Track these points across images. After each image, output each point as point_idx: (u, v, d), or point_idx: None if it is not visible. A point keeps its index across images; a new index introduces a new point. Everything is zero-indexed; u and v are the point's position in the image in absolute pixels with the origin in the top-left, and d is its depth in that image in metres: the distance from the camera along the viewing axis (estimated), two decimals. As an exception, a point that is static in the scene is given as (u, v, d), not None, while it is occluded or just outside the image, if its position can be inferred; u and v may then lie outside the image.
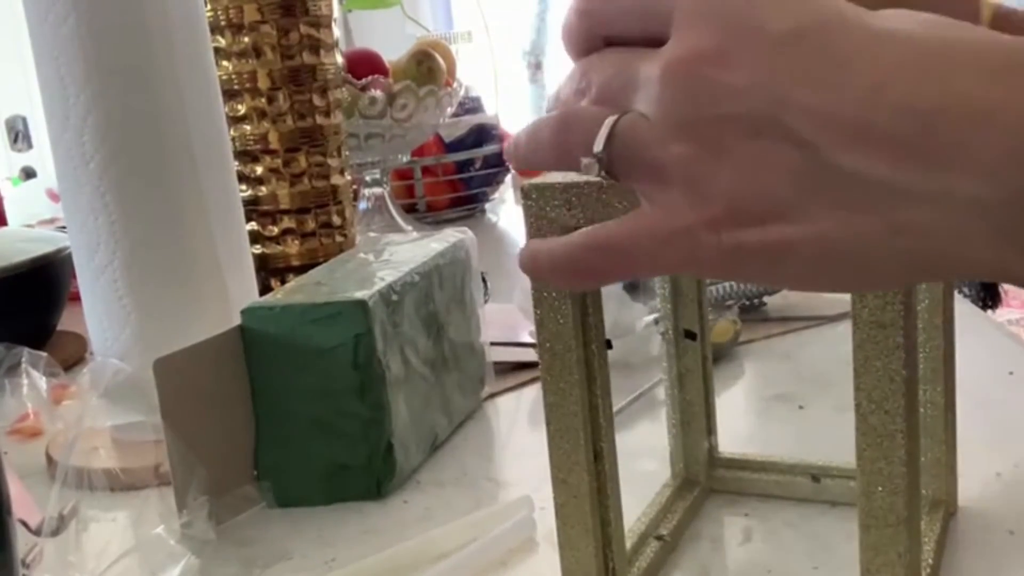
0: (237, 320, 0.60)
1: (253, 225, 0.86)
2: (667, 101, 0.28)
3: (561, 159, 0.31)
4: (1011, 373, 0.69)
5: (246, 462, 0.60)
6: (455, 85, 1.23)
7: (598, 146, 0.29)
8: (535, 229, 0.40)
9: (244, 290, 0.70)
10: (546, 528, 0.52)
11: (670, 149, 0.28)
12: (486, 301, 0.85)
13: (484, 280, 0.84)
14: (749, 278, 0.29)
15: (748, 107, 0.26)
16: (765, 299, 0.88)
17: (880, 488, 0.36)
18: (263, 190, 0.86)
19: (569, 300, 0.40)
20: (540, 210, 0.39)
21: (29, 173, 2.30)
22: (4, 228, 1.26)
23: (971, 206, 0.24)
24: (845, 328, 0.36)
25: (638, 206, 0.30)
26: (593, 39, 0.31)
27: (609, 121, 0.29)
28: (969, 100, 0.23)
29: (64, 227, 0.77)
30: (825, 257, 0.27)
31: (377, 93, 1.10)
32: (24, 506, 0.55)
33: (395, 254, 0.70)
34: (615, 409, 0.45)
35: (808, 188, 0.26)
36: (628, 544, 0.47)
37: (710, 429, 0.57)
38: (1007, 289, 2.25)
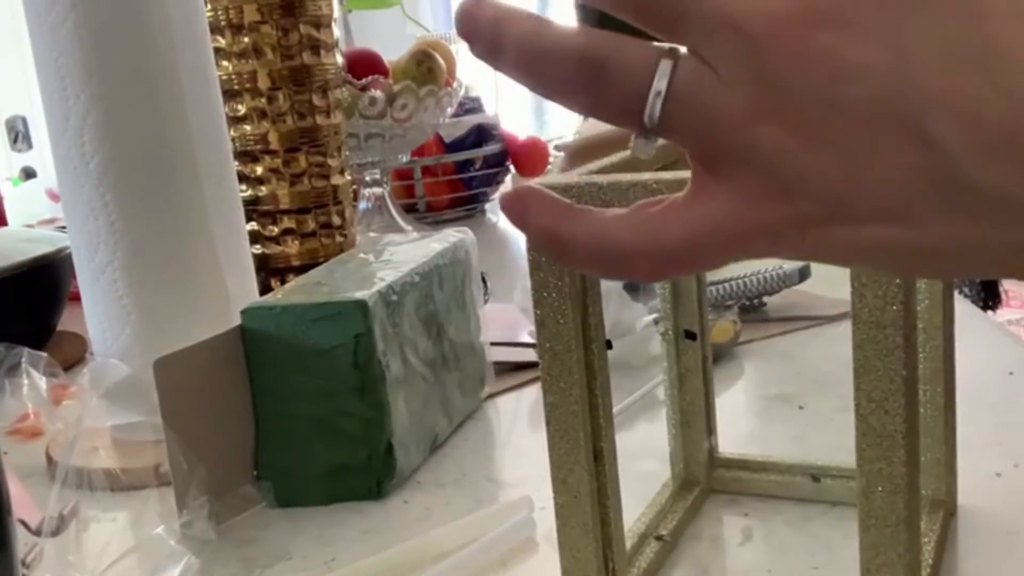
0: (237, 320, 0.60)
1: (253, 225, 0.86)
2: (762, 69, 0.22)
3: (590, 110, 0.24)
4: (1011, 373, 0.69)
5: (246, 462, 0.60)
6: (455, 85, 1.23)
7: (653, 116, 0.23)
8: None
9: (244, 290, 0.70)
10: (546, 528, 0.52)
11: (758, 132, 0.22)
12: (486, 301, 0.85)
13: (484, 280, 0.84)
14: (819, 262, 0.25)
15: (873, 93, 0.21)
16: (765, 299, 0.88)
17: (880, 488, 0.36)
18: (263, 190, 0.86)
19: (569, 300, 0.40)
20: (540, 210, 0.39)
21: (29, 173, 2.30)
22: (4, 228, 1.26)
23: None
24: (845, 328, 0.36)
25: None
26: None
27: (664, 79, 0.22)
28: None
29: (64, 227, 0.77)
30: (926, 260, 0.23)
31: (377, 93, 1.10)
32: (24, 506, 0.55)
33: (395, 254, 0.70)
34: (615, 409, 0.45)
35: (931, 195, 0.21)
36: (628, 544, 0.47)
37: (710, 429, 0.57)
38: (1007, 289, 2.25)
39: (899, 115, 0.21)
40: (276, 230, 0.87)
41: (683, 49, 0.23)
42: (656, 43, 0.23)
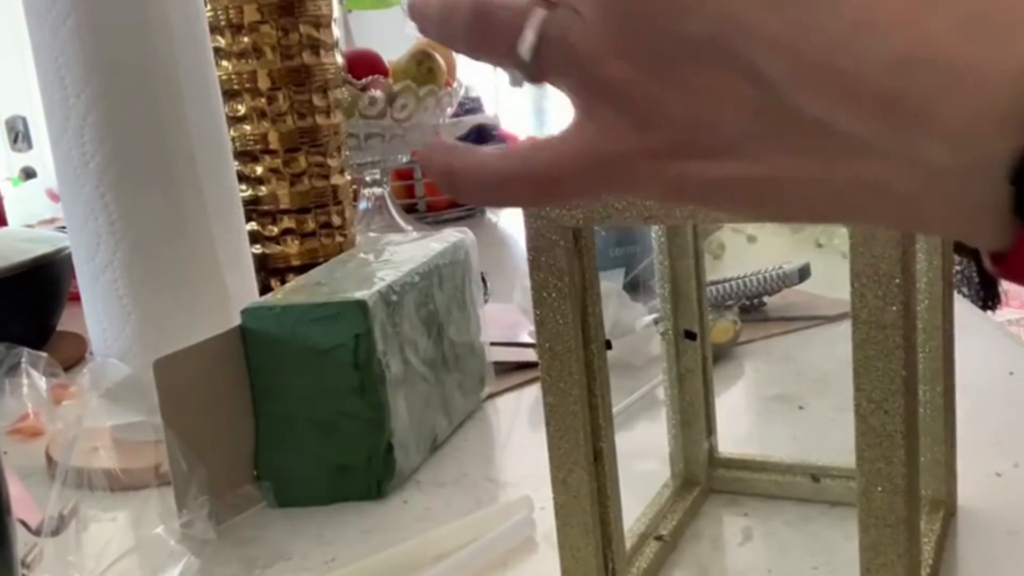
0: (237, 320, 0.60)
1: (253, 225, 0.86)
2: (608, 11, 0.24)
3: (480, 55, 0.28)
4: (1011, 373, 0.69)
5: (246, 462, 0.60)
6: (455, 85, 1.23)
7: (525, 53, 0.25)
8: (535, 229, 0.39)
9: (244, 290, 0.70)
10: (546, 528, 0.52)
11: (611, 67, 0.24)
12: (486, 301, 0.85)
13: (484, 280, 0.84)
14: (685, 204, 0.27)
15: (705, 29, 0.23)
16: (765, 299, 0.88)
17: (880, 488, 0.36)
18: (263, 190, 0.86)
19: (569, 300, 0.40)
20: (540, 210, 0.39)
21: (29, 173, 2.30)
22: (4, 228, 1.26)
23: (932, 170, 0.22)
24: (845, 328, 0.36)
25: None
26: None
27: (536, 22, 0.25)
28: (941, 52, 0.21)
29: (64, 227, 0.77)
30: (768, 196, 0.25)
31: (377, 93, 1.10)
32: (24, 506, 0.55)
33: (395, 254, 0.70)
34: (615, 409, 0.45)
35: (762, 127, 0.23)
36: (628, 544, 0.47)
37: (710, 429, 0.57)
38: (1007, 289, 2.25)
39: (729, 50, 0.23)
40: (276, 230, 0.87)
41: None
42: None
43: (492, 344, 0.76)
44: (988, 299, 2.13)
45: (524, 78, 0.26)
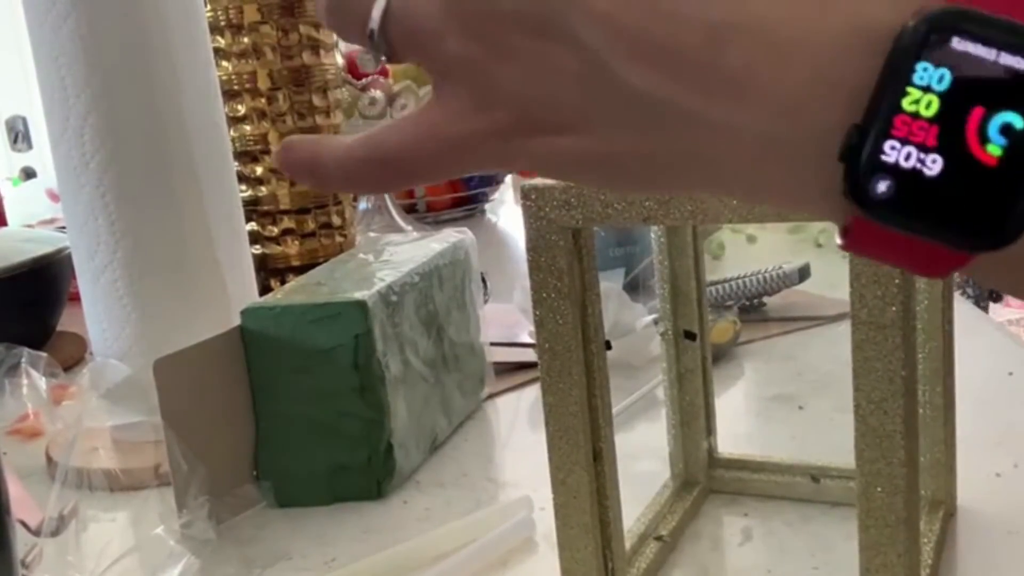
0: (237, 320, 0.60)
1: (253, 225, 0.86)
2: None
3: (340, 33, 0.28)
4: (1011, 373, 0.69)
5: (246, 462, 0.60)
6: (455, 85, 1.23)
7: (372, 27, 0.25)
8: (535, 230, 0.40)
9: (244, 290, 0.70)
10: (546, 528, 0.52)
11: (449, 44, 0.24)
12: (486, 301, 0.85)
13: (484, 280, 0.84)
14: (536, 173, 0.27)
15: (528, 2, 0.23)
16: (765, 299, 0.88)
17: (879, 488, 0.36)
18: (263, 190, 0.86)
19: (569, 300, 0.40)
20: (539, 210, 0.39)
21: (29, 173, 2.30)
22: (4, 228, 1.26)
23: (760, 141, 0.21)
24: (845, 328, 0.36)
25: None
26: None
27: (380, 5, 0.25)
28: (761, 21, 0.20)
29: (64, 227, 0.77)
30: (614, 171, 0.24)
31: (377, 93, 1.10)
32: (24, 506, 0.55)
33: (395, 254, 0.70)
34: (615, 409, 0.45)
35: (593, 99, 0.23)
36: (628, 544, 0.47)
37: (710, 429, 0.57)
38: (1007, 289, 2.25)
39: (554, 24, 0.23)
40: (276, 230, 0.87)
41: None
42: None
43: (492, 344, 0.76)
44: (992, 291, 2.13)
45: (375, 61, 0.26)
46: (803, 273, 0.86)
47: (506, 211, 1.52)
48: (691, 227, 0.53)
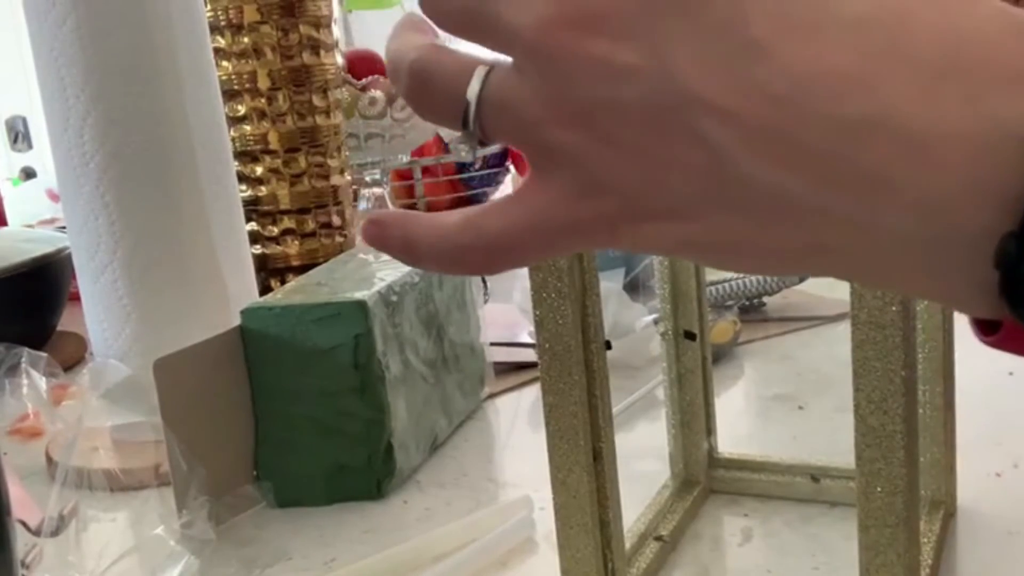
0: (237, 320, 0.60)
1: (253, 225, 0.86)
2: (540, 76, 0.23)
3: (427, 118, 0.26)
4: (1011, 373, 0.69)
5: (246, 462, 0.60)
6: (455, 85, 1.23)
7: (467, 119, 0.24)
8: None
9: (244, 290, 0.70)
10: (546, 528, 0.52)
11: (556, 131, 0.23)
12: (486, 301, 0.85)
13: (484, 280, 0.84)
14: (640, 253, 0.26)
15: (640, 94, 0.21)
16: (765, 299, 0.88)
17: (879, 488, 0.36)
18: (263, 190, 0.86)
19: (569, 300, 0.40)
20: (540, 210, 0.39)
21: (29, 173, 2.30)
22: (4, 228, 1.26)
23: (897, 238, 0.20)
24: (845, 328, 0.36)
25: None
26: None
27: (475, 89, 0.24)
28: (899, 116, 0.19)
29: (64, 227, 0.77)
30: (727, 255, 0.23)
31: (377, 93, 1.10)
32: (24, 506, 0.55)
33: (395, 254, 0.69)
34: (615, 409, 0.45)
35: (713, 192, 0.22)
36: (628, 544, 0.47)
37: (710, 429, 0.57)
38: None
39: (672, 115, 0.21)
40: (276, 230, 0.87)
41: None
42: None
43: (492, 344, 0.76)
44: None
45: (471, 150, 0.25)
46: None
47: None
48: (691, 227, 0.53)
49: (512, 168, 1.50)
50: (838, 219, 0.20)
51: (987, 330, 0.21)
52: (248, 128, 0.85)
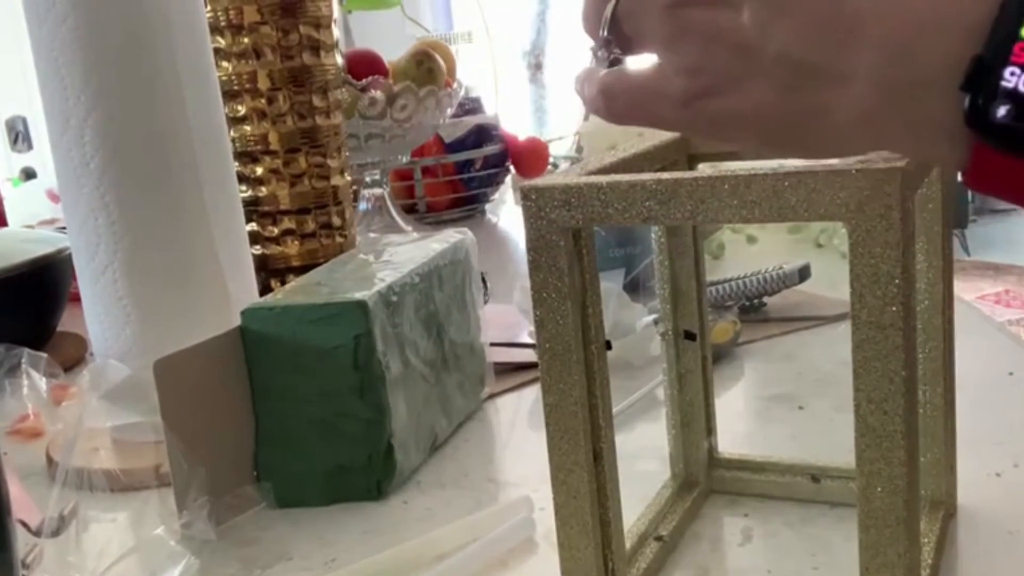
0: (237, 321, 0.60)
1: (253, 226, 0.86)
2: None
3: (588, 29, 0.35)
4: (1011, 373, 0.69)
5: (246, 462, 0.60)
6: (455, 85, 1.23)
7: (604, 20, 0.32)
8: (535, 230, 0.39)
9: (244, 291, 0.70)
10: (546, 528, 0.52)
11: (657, 28, 0.30)
12: (486, 301, 0.85)
13: (484, 280, 0.84)
14: (715, 140, 0.34)
15: None
16: (765, 299, 0.88)
17: (879, 488, 0.36)
18: (263, 191, 0.86)
19: (569, 300, 0.40)
20: (539, 211, 0.39)
21: (29, 173, 2.30)
22: (4, 228, 1.26)
23: (875, 85, 0.23)
24: (845, 328, 0.36)
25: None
26: None
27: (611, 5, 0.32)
28: None
29: (64, 227, 0.77)
30: (763, 130, 0.29)
31: (377, 93, 1.10)
32: (24, 506, 0.55)
33: (395, 255, 0.70)
34: (615, 409, 0.45)
35: (751, 65, 0.27)
36: (628, 544, 0.47)
37: (710, 429, 0.57)
38: (1008, 289, 2.25)
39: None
40: (276, 231, 0.87)
41: None
42: None
43: (492, 344, 0.76)
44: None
45: (606, 47, 0.33)
46: (803, 273, 0.86)
47: (506, 211, 1.52)
48: (691, 227, 0.53)
49: (512, 168, 1.50)
50: (829, 77, 0.25)
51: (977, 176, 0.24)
52: (248, 128, 0.85)
